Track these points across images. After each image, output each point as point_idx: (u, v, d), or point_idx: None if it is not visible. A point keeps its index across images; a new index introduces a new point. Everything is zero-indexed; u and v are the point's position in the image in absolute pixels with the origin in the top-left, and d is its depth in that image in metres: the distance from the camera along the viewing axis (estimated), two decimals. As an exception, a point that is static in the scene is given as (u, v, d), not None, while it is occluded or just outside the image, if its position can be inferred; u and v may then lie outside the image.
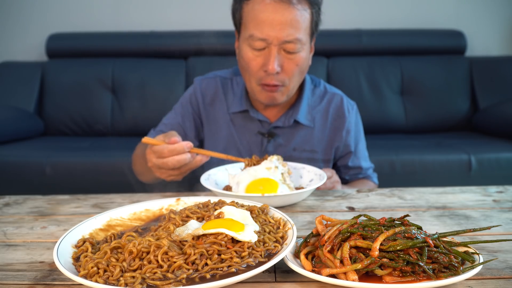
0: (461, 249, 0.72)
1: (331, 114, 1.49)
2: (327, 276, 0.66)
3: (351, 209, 1.06)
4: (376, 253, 0.66)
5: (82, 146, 2.84)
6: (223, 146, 1.48)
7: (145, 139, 1.16)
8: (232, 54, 2.97)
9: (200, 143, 1.57)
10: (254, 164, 1.21)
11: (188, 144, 1.12)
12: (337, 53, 3.28)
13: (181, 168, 1.14)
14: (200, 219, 0.81)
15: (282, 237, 0.76)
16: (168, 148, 1.10)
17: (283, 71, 1.30)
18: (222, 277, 0.64)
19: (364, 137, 1.58)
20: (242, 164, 1.29)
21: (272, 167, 1.16)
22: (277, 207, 1.02)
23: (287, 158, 1.41)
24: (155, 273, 0.65)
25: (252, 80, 1.34)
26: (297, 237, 0.78)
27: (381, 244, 0.67)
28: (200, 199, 0.94)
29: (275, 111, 1.47)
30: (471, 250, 0.71)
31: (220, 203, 0.87)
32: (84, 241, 0.77)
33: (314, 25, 1.34)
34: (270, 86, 1.31)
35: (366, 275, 0.66)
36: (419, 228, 0.74)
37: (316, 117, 1.49)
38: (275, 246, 0.72)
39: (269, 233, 0.76)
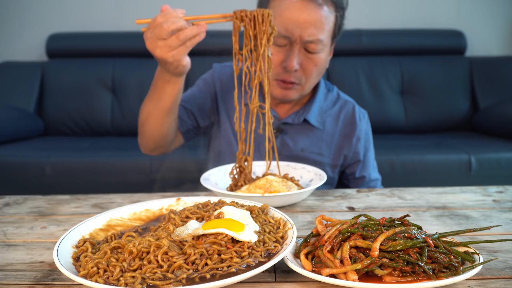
0: (461, 249, 0.72)
1: (342, 120, 1.49)
2: (327, 276, 0.66)
3: (351, 209, 1.06)
4: (376, 253, 0.66)
5: (82, 146, 2.84)
6: (233, 135, 1.46)
7: (139, 20, 1.11)
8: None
9: (211, 126, 1.53)
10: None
11: (180, 10, 1.08)
12: (337, 53, 3.26)
13: (180, 35, 1.05)
14: (200, 219, 0.81)
15: (282, 237, 0.76)
16: (160, 14, 1.06)
17: (301, 69, 1.32)
18: (222, 277, 0.64)
19: (373, 147, 1.56)
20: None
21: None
22: (277, 207, 1.02)
23: (294, 158, 1.39)
24: (155, 273, 0.65)
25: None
26: (297, 237, 0.78)
27: (381, 244, 0.67)
28: (200, 199, 0.94)
29: (287, 109, 1.47)
30: (471, 250, 0.71)
31: (220, 203, 0.87)
32: (84, 241, 0.77)
33: (337, 28, 1.36)
34: (286, 82, 1.33)
35: (366, 275, 0.66)
36: (419, 228, 0.74)
37: (327, 121, 1.48)
38: (275, 246, 0.72)
39: (269, 233, 0.76)
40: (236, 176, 1.20)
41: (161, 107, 1.26)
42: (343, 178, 1.55)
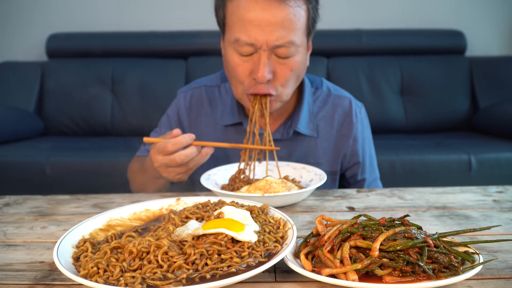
0: (461, 249, 0.72)
1: (337, 120, 1.35)
2: (327, 276, 0.66)
3: (351, 209, 1.06)
4: (376, 253, 0.66)
5: (82, 146, 2.84)
6: (214, 164, 1.32)
7: (147, 139, 1.14)
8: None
9: None
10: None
11: (190, 135, 1.07)
12: (337, 53, 3.28)
13: (189, 164, 1.09)
14: (200, 219, 0.81)
15: (282, 237, 0.76)
16: (171, 142, 1.05)
17: (275, 77, 1.16)
18: (222, 277, 0.64)
19: (372, 140, 1.45)
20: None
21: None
22: (277, 207, 1.02)
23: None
24: (155, 273, 0.65)
25: (240, 87, 1.20)
26: (297, 237, 0.78)
27: (381, 244, 0.67)
28: (200, 199, 0.94)
29: (272, 121, 1.34)
30: (471, 250, 0.71)
31: (220, 203, 0.87)
32: (84, 241, 0.77)
33: (311, 22, 1.18)
34: (260, 95, 1.18)
35: (366, 275, 0.66)
36: (419, 228, 0.74)
37: (320, 125, 1.34)
38: (275, 246, 0.72)
39: (269, 233, 0.76)
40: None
41: (157, 185, 1.29)
42: (343, 181, 1.46)
